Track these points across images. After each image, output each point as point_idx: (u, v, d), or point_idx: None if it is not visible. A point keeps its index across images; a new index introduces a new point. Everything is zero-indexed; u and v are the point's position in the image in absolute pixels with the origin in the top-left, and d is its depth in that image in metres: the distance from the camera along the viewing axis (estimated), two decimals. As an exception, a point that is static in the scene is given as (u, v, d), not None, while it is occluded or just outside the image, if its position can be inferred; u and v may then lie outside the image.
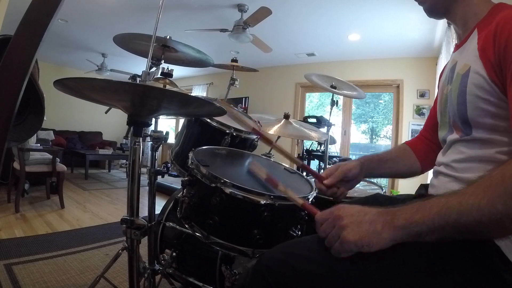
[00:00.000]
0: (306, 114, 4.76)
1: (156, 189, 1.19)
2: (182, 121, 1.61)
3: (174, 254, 1.21)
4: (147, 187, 1.17)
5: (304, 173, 1.20)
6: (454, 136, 0.67)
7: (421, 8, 0.77)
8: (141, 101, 0.87)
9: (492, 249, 0.51)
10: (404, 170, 0.90)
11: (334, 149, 4.33)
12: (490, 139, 0.58)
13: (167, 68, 2.29)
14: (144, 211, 1.09)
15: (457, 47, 0.73)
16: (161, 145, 1.08)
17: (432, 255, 0.51)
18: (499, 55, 0.54)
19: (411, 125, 4.15)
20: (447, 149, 0.71)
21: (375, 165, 0.88)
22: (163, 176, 1.21)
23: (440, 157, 0.74)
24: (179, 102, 0.90)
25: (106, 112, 1.36)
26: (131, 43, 1.48)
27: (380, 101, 5.91)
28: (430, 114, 0.92)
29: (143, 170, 1.07)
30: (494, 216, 0.42)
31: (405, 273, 0.50)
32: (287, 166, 1.19)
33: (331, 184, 0.83)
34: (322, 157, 3.14)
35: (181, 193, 0.98)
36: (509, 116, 0.52)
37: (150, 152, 1.14)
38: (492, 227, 0.44)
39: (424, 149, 0.90)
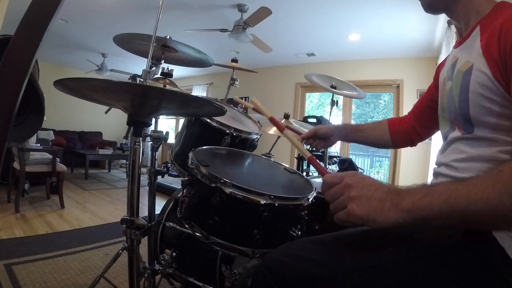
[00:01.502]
0: (306, 114, 4.76)
1: (156, 189, 1.19)
2: (182, 121, 1.61)
3: (174, 254, 1.21)
4: (147, 187, 1.17)
5: (304, 173, 1.20)
6: (456, 133, 0.67)
7: (421, 8, 0.76)
8: (141, 101, 0.87)
9: (495, 250, 0.51)
10: (375, 140, 1.06)
11: (334, 149, 4.32)
12: (492, 138, 0.58)
13: (167, 68, 2.29)
14: (144, 211, 1.09)
15: (458, 43, 0.72)
16: (161, 145, 1.08)
17: (434, 255, 0.51)
18: (505, 54, 0.53)
19: (411, 125, 4.15)
20: (447, 147, 0.71)
21: (349, 131, 1.09)
22: (163, 176, 1.21)
23: (439, 157, 0.74)
24: (179, 102, 0.90)
25: (106, 112, 1.37)
26: (131, 43, 1.48)
27: (380, 101, 5.91)
28: (418, 101, 1.00)
29: (143, 170, 1.07)
30: (501, 210, 0.42)
31: (407, 273, 0.50)
32: (287, 166, 1.19)
33: (306, 136, 1.11)
34: (322, 157, 3.13)
35: (181, 193, 0.98)
36: None
37: (150, 152, 1.14)
38: (498, 220, 0.44)
39: (399, 129, 1.02)
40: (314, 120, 3.49)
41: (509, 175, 0.44)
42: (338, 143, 4.86)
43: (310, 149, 1.76)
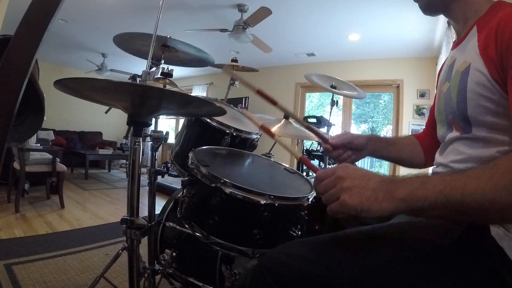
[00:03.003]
0: (306, 114, 4.77)
1: (156, 189, 1.19)
2: (182, 121, 1.61)
3: (174, 254, 1.21)
4: (147, 187, 1.17)
5: (304, 173, 1.20)
6: (454, 134, 0.67)
7: None
8: (141, 101, 0.87)
9: (494, 250, 0.51)
10: (408, 159, 0.91)
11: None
12: (490, 137, 0.58)
13: (167, 68, 2.29)
14: (144, 211, 1.09)
15: (456, 44, 0.72)
16: (161, 145, 1.08)
17: (433, 255, 0.51)
18: (501, 53, 0.53)
19: (411, 125, 4.15)
20: (445, 148, 0.71)
21: (382, 144, 0.90)
22: (163, 176, 1.21)
23: (438, 158, 0.74)
24: (179, 102, 0.90)
25: (106, 112, 1.37)
26: (131, 43, 1.48)
27: (380, 101, 5.91)
28: (430, 112, 0.92)
29: (143, 170, 1.06)
30: (497, 204, 0.42)
31: (406, 274, 0.50)
32: (287, 166, 1.19)
33: (336, 144, 0.84)
34: (322, 157, 3.14)
35: (181, 193, 0.98)
36: (510, 109, 0.52)
37: (150, 152, 1.14)
38: (493, 214, 0.44)
39: (428, 143, 0.90)
40: (314, 120, 3.49)
41: (506, 169, 0.43)
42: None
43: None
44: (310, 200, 0.89)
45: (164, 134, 1.04)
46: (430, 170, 0.84)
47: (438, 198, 0.46)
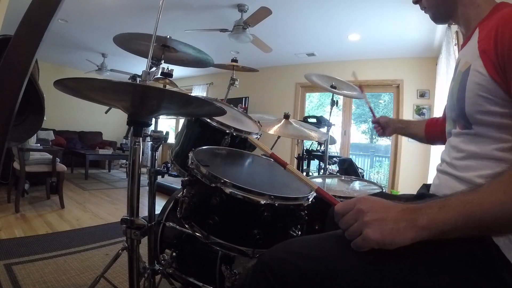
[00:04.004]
0: (306, 114, 4.76)
1: (156, 189, 1.19)
2: (182, 121, 1.61)
3: (174, 254, 1.21)
4: (147, 187, 1.17)
5: (304, 173, 1.19)
6: (457, 130, 0.69)
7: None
8: (141, 101, 0.87)
9: (492, 249, 0.51)
10: (417, 135, 1.15)
11: (334, 149, 4.32)
12: (489, 135, 0.59)
13: (167, 68, 2.29)
14: (144, 211, 1.09)
15: (461, 46, 0.75)
16: (161, 145, 1.08)
17: (432, 254, 0.51)
18: (503, 53, 0.54)
19: (411, 125, 4.15)
20: (448, 144, 0.73)
21: (402, 125, 1.23)
22: (163, 176, 1.21)
23: (443, 154, 0.76)
24: (179, 102, 0.90)
25: (106, 112, 1.36)
26: (131, 43, 1.48)
27: (380, 101, 5.91)
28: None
29: (143, 170, 1.07)
30: None
31: (405, 272, 0.50)
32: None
33: (375, 121, 1.31)
34: (322, 157, 3.14)
35: (181, 193, 0.98)
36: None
37: (150, 152, 1.14)
38: None
39: (433, 130, 1.07)
40: (314, 120, 3.49)
41: None
42: (338, 143, 4.82)
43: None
44: (310, 200, 0.89)
45: (164, 134, 1.04)
46: (430, 170, 0.84)
47: (458, 220, 0.46)
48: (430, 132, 1.09)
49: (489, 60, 0.56)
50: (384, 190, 1.55)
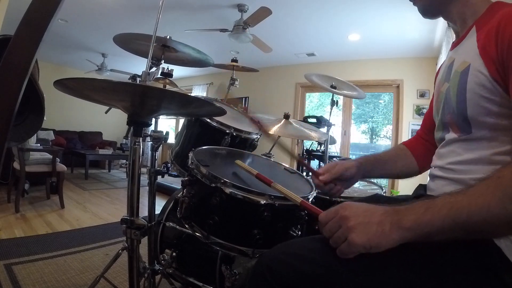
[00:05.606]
0: (306, 114, 4.76)
1: (156, 189, 1.19)
2: (182, 121, 1.61)
3: (174, 254, 1.21)
4: (147, 187, 1.17)
5: (304, 173, 1.19)
6: (452, 135, 0.67)
7: None
8: (141, 101, 0.87)
9: (493, 250, 0.51)
10: (402, 171, 0.90)
11: (334, 149, 4.33)
12: (490, 138, 0.58)
13: (167, 68, 2.29)
14: (144, 211, 1.09)
15: (454, 45, 0.72)
16: (161, 145, 1.08)
17: (432, 256, 0.51)
18: (502, 53, 0.53)
19: (411, 125, 4.14)
20: (442, 149, 0.70)
21: (372, 166, 0.89)
22: (163, 176, 1.21)
23: (435, 160, 0.73)
24: (179, 102, 0.90)
25: (106, 112, 1.36)
26: (131, 43, 1.48)
27: (380, 101, 5.91)
28: (426, 114, 0.92)
29: (143, 170, 1.07)
30: (504, 217, 0.43)
31: (405, 274, 0.50)
32: (287, 166, 1.19)
33: (327, 180, 0.85)
34: (322, 157, 3.14)
35: (181, 193, 0.98)
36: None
37: (150, 152, 1.14)
38: (502, 227, 0.44)
39: (421, 149, 0.90)
40: (314, 120, 3.49)
41: (509, 180, 0.43)
42: (338, 143, 4.79)
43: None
44: (310, 200, 0.89)
45: (164, 134, 1.04)
46: (427, 172, 0.83)
47: (444, 222, 0.46)
48: (421, 156, 0.88)
49: (490, 59, 0.55)
50: (384, 191, 1.55)
